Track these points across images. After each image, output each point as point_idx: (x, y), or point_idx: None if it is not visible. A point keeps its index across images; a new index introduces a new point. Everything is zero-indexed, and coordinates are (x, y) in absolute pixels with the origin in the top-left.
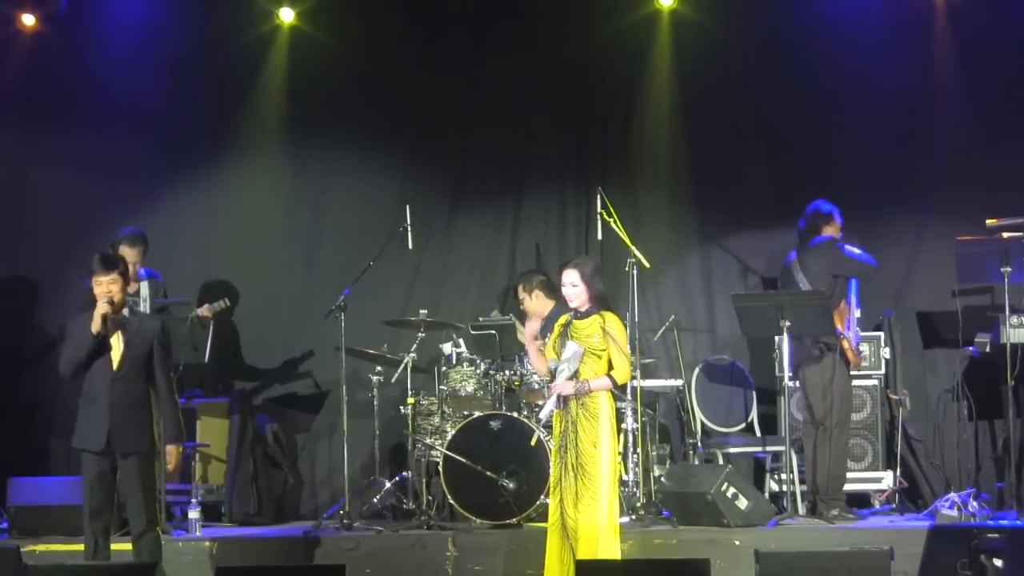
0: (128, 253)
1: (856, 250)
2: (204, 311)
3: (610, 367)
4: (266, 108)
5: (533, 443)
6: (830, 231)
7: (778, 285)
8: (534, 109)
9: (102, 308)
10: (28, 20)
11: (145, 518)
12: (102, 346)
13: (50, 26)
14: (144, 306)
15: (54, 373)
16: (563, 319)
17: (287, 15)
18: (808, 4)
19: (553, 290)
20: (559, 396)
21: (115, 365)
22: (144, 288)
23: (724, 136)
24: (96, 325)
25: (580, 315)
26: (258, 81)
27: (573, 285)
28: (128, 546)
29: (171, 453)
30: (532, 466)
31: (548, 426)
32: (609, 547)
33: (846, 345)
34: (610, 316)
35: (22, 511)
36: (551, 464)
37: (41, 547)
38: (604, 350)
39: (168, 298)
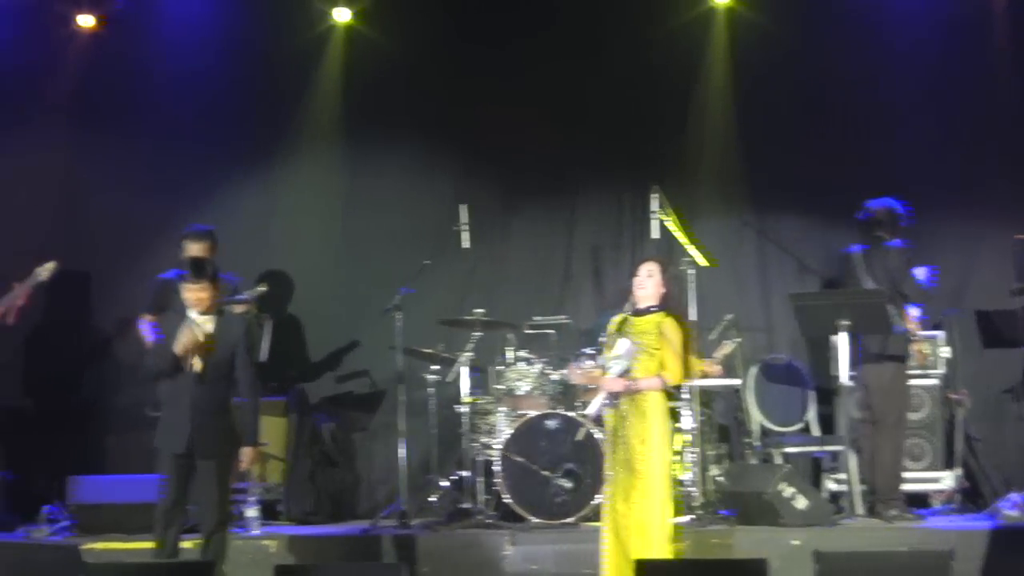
0: (193, 249)
1: (920, 274)
2: (238, 308)
3: (663, 367)
4: (322, 107)
5: (580, 438)
6: (899, 236)
7: (840, 275)
8: (589, 109)
9: (190, 337)
10: (86, 20)
11: (217, 518)
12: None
13: (107, 26)
14: None
15: (112, 372)
16: (619, 318)
17: (343, 15)
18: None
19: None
20: (608, 393)
21: (199, 370)
22: None
23: (781, 134)
24: (179, 349)
25: (639, 312)
26: (314, 80)
27: (649, 275)
28: (190, 544)
29: (248, 454)
30: (589, 465)
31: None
32: (662, 546)
33: (917, 347)
34: (670, 318)
35: (83, 509)
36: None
37: (101, 545)
38: (659, 349)
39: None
